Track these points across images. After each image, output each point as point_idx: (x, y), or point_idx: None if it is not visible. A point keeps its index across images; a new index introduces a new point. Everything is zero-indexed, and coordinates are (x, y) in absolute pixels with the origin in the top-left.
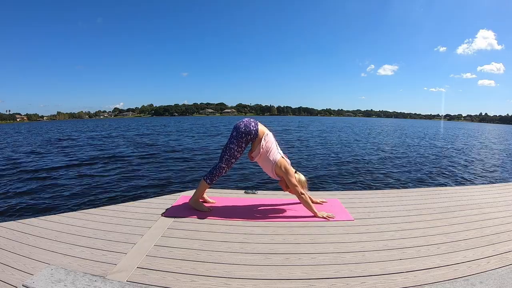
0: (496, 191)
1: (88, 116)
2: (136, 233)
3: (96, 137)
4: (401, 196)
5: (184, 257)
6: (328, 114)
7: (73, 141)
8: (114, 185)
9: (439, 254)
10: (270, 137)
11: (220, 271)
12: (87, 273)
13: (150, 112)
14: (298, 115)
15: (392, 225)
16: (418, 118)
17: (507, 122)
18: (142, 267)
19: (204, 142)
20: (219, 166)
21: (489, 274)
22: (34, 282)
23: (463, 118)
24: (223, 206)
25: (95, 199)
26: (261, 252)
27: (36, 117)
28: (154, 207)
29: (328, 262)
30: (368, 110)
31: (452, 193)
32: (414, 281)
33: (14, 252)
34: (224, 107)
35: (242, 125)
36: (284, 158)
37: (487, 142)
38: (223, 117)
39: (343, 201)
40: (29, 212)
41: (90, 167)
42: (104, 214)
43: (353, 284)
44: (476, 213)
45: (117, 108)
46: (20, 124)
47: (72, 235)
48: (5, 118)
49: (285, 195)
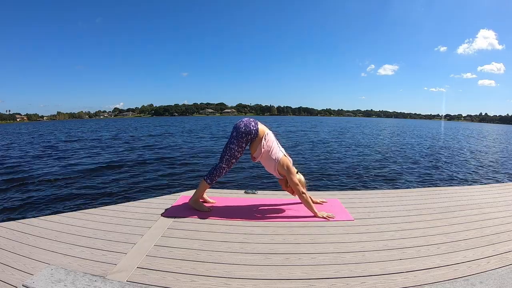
0: (496, 191)
1: (88, 116)
2: (136, 233)
3: (99, 138)
4: (401, 196)
5: (184, 257)
6: (328, 114)
7: (73, 141)
8: (114, 185)
9: (439, 254)
10: (271, 136)
11: (220, 271)
12: (87, 273)
13: (150, 112)
14: (298, 115)
15: (392, 225)
16: (418, 118)
17: (507, 122)
18: (142, 267)
19: (206, 142)
20: (220, 166)
21: (489, 274)
22: (34, 282)
23: (463, 118)
24: (223, 206)
25: (95, 199)
26: (261, 252)
27: (36, 117)
28: (154, 207)
29: (328, 262)
30: (368, 110)
31: (452, 193)
32: (414, 281)
33: (14, 252)
34: (224, 107)
35: (242, 125)
36: (286, 156)
37: (487, 142)
38: (223, 117)
39: (343, 201)
40: (29, 212)
41: (90, 167)
42: (104, 214)
43: (353, 284)
44: (476, 213)
45: (117, 108)
46: (20, 124)
47: (72, 235)
48: (5, 118)
49: (285, 195)
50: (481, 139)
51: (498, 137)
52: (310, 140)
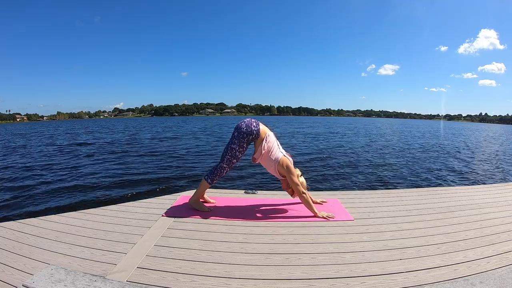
0: (496, 191)
1: (88, 116)
2: (136, 233)
3: (102, 138)
4: (401, 196)
5: (184, 257)
6: (328, 114)
7: (74, 142)
8: (114, 185)
9: (439, 254)
10: (271, 137)
11: (220, 271)
12: (87, 273)
13: (150, 112)
14: (298, 115)
15: (392, 225)
16: (418, 118)
17: (507, 122)
18: (142, 267)
19: (206, 142)
20: (220, 166)
21: (489, 274)
22: (34, 282)
23: (463, 118)
24: (223, 206)
25: (95, 199)
26: (261, 252)
27: (36, 117)
28: (154, 207)
29: (328, 262)
30: (368, 110)
31: (452, 193)
32: (414, 281)
33: (14, 252)
34: (224, 107)
35: (243, 126)
36: (286, 156)
37: (487, 142)
38: (223, 117)
39: (343, 201)
40: (29, 212)
41: (90, 168)
42: (104, 214)
43: (353, 284)
44: (476, 213)
45: (117, 108)
46: (20, 124)
47: (72, 235)
48: (5, 118)
49: (285, 195)
50: (481, 139)
51: (498, 137)
52: (309, 140)
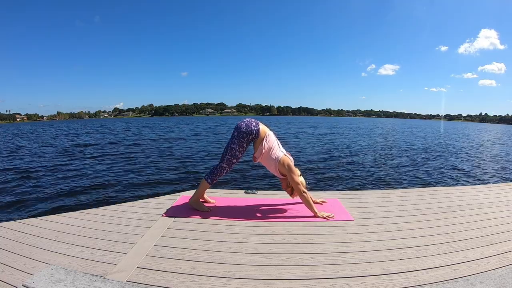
0: (496, 191)
1: (88, 116)
2: (136, 233)
3: (104, 138)
4: (401, 196)
5: (184, 257)
6: (328, 114)
7: (74, 142)
8: (114, 185)
9: (439, 254)
10: (272, 137)
11: (220, 271)
12: (87, 273)
13: (150, 112)
14: (298, 115)
15: (392, 225)
16: (418, 118)
17: (507, 122)
18: (142, 267)
19: (207, 142)
20: (220, 166)
21: (489, 274)
22: (34, 282)
23: (463, 118)
24: (223, 206)
25: (95, 199)
26: (261, 252)
27: (36, 117)
28: (154, 207)
29: (328, 262)
30: (368, 110)
31: (452, 193)
32: (414, 281)
33: (14, 252)
34: (224, 107)
35: (243, 125)
36: (287, 155)
37: (487, 142)
38: (223, 117)
39: (343, 201)
40: (29, 212)
41: (90, 168)
42: (104, 214)
43: (353, 284)
44: (476, 213)
45: (117, 108)
46: (20, 124)
47: (72, 235)
48: (5, 118)
49: (285, 195)
50: (481, 139)
51: (498, 137)
52: (310, 140)
